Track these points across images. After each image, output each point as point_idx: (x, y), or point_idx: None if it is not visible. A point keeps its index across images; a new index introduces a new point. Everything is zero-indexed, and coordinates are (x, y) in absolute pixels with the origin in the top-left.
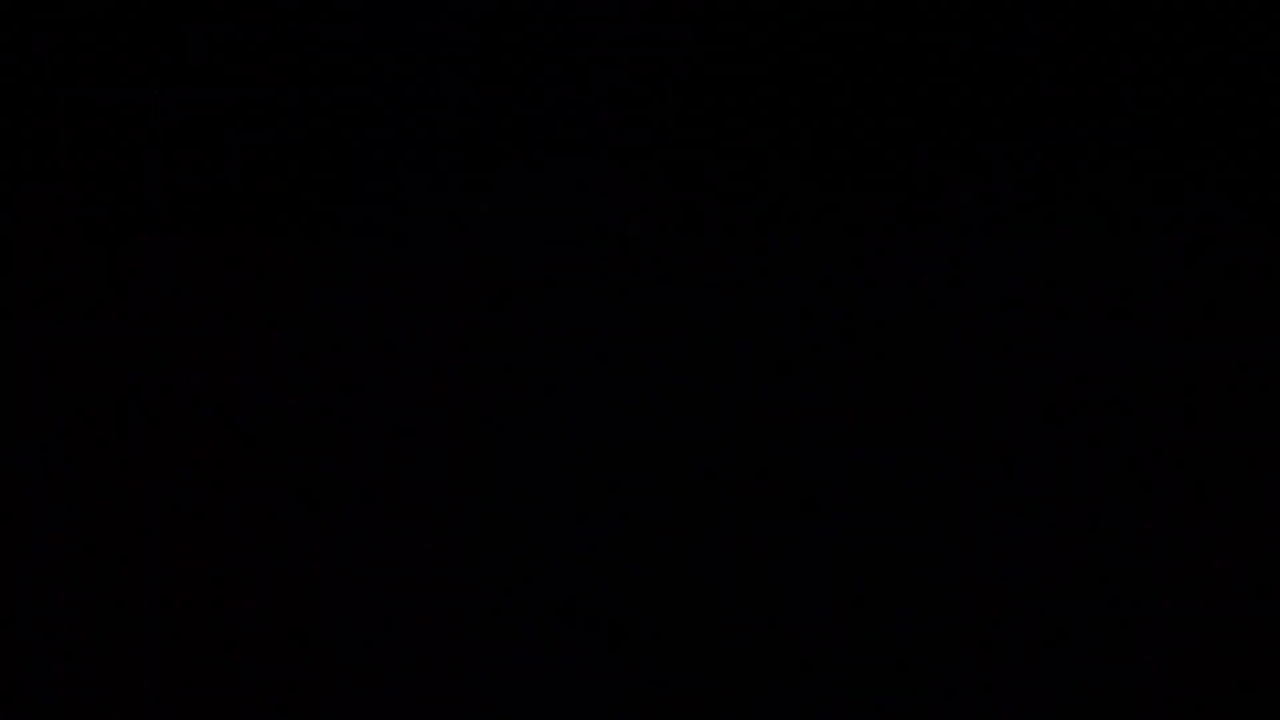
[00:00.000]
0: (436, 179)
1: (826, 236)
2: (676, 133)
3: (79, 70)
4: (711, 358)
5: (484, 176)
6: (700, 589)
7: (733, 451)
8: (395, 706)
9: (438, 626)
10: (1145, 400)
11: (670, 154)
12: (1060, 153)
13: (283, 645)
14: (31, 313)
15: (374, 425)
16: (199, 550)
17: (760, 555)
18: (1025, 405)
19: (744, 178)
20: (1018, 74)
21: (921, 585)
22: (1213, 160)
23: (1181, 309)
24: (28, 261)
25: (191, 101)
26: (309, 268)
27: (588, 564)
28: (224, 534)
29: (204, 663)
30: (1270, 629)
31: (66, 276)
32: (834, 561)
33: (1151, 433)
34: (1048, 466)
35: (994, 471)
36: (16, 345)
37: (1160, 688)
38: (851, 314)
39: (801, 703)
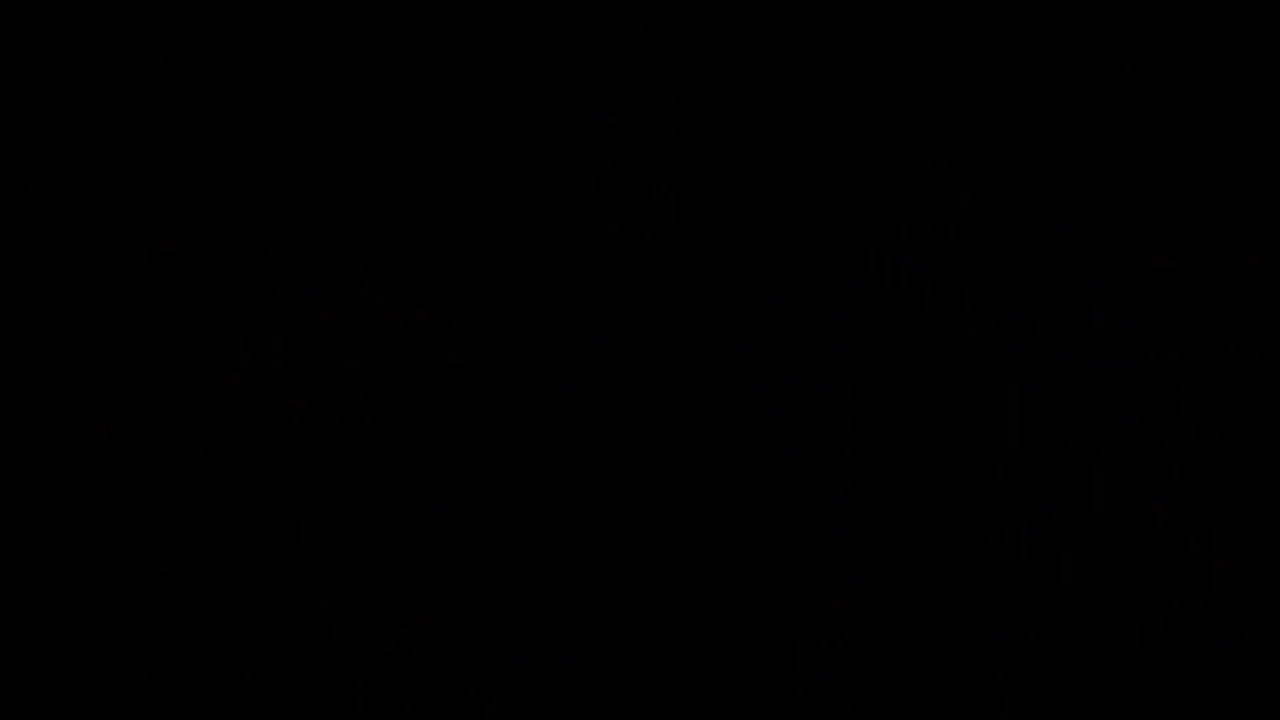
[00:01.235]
0: (436, 179)
1: (826, 236)
2: (676, 133)
3: (79, 70)
4: (711, 358)
5: (484, 176)
6: (700, 589)
7: (733, 451)
8: (395, 706)
9: (437, 626)
10: (1145, 400)
11: (670, 154)
12: (1060, 153)
13: (283, 645)
14: (31, 313)
15: (374, 425)
16: (199, 550)
17: (760, 555)
18: (1025, 405)
19: (744, 178)
20: (1018, 74)
21: (922, 585)
22: (1213, 160)
23: (1181, 309)
24: (28, 261)
25: (191, 101)
26: (309, 268)
27: (588, 564)
28: (224, 534)
29: (204, 662)
30: (1270, 629)
31: (66, 276)
32: (834, 561)
33: (1151, 433)
34: (1048, 466)
35: (994, 471)
36: (16, 345)
37: (1160, 688)
38: (851, 314)
39: (802, 703)
